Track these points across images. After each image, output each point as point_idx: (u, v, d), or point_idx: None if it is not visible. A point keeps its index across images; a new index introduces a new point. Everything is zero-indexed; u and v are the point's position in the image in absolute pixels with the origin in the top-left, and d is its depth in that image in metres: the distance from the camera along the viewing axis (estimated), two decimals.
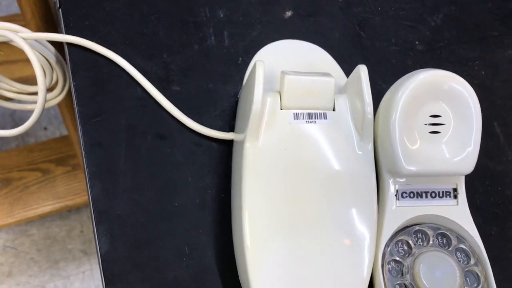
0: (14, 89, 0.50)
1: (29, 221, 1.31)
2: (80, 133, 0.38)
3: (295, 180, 0.33)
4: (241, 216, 0.32)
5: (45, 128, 1.45)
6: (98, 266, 0.35)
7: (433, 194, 0.34)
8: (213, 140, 0.39)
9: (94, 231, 0.36)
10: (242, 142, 0.33)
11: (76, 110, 0.39)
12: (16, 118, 1.47)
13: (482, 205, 0.40)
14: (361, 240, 0.33)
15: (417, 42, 0.45)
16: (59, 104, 0.88)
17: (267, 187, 0.32)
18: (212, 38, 0.42)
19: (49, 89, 0.51)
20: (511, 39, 0.46)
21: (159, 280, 0.35)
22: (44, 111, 0.46)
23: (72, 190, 1.08)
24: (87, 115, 0.39)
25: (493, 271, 0.37)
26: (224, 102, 0.41)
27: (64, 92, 0.50)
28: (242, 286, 0.34)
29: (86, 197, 1.09)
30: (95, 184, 0.37)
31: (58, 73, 0.49)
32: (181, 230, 0.36)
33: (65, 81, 0.49)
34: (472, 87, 0.44)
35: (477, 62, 0.45)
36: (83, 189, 1.09)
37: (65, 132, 1.26)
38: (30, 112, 0.46)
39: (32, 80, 0.44)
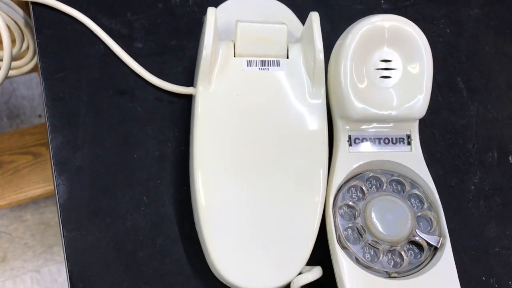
0: None
1: (23, 207, 1.32)
2: (42, 88, 0.39)
3: (247, 125, 0.33)
4: (193, 159, 0.33)
5: (39, 116, 1.46)
6: None
7: (386, 141, 0.35)
8: (174, 95, 0.39)
9: (54, 182, 0.36)
10: (195, 90, 0.34)
11: (39, 66, 0.39)
12: (11, 106, 1.48)
13: (443, 158, 0.40)
14: (312, 184, 0.33)
15: (382, 1, 0.45)
16: None
17: (219, 132, 0.33)
18: None
19: (20, 57, 0.52)
20: None
21: (117, 228, 0.35)
22: (39, 97, 0.47)
23: None
24: (50, 71, 0.39)
25: (453, 221, 0.37)
26: (186, 59, 0.41)
27: (36, 59, 0.51)
28: (197, 231, 0.34)
29: None
30: (56, 136, 0.37)
31: (29, 40, 0.49)
32: (140, 181, 0.37)
33: (36, 47, 0.50)
34: (438, 45, 0.44)
35: (442, 21, 0.45)
36: None
37: None
38: (25, 99, 0.46)
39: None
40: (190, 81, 0.40)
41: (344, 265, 0.31)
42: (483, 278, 0.36)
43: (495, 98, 0.43)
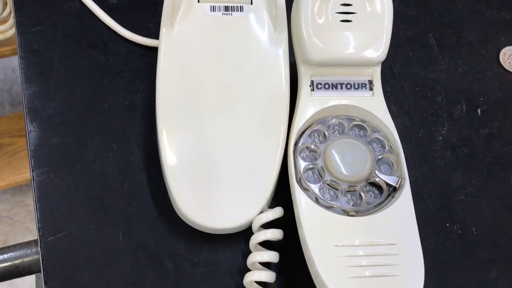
0: None
1: (24, 192, 1.34)
2: (17, 41, 0.40)
3: (209, 69, 0.34)
4: (156, 102, 0.33)
5: None
6: None
7: (349, 86, 0.35)
8: (145, 48, 0.40)
9: (26, 128, 0.37)
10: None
11: (15, 20, 0.40)
12: (13, 94, 1.50)
13: (411, 110, 0.40)
14: (273, 127, 0.34)
15: None
16: None
17: (181, 75, 0.34)
18: None
19: (2, 22, 0.53)
20: None
21: (86, 172, 0.36)
22: None
23: None
24: (25, 25, 0.40)
25: (420, 170, 0.38)
26: (159, 15, 0.41)
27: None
28: (163, 175, 0.35)
29: None
30: (29, 86, 0.38)
31: (11, 5, 0.50)
32: (109, 129, 0.37)
33: None
34: (410, 2, 0.44)
35: None
36: None
37: None
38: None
39: None
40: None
41: (302, 204, 0.32)
42: (447, 225, 0.36)
43: (466, 54, 0.43)
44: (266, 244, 0.33)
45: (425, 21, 0.44)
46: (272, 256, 0.32)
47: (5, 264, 0.36)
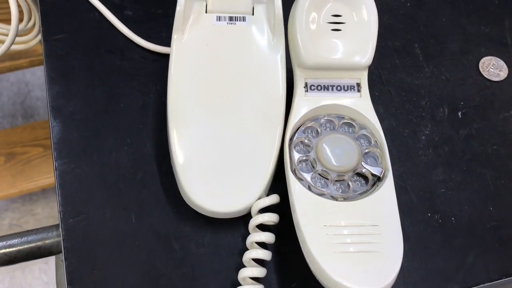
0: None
1: (34, 201, 1.38)
2: (43, 47, 0.44)
3: (215, 70, 0.38)
4: (167, 100, 0.38)
5: None
6: None
7: (339, 88, 0.39)
8: (157, 55, 0.45)
9: (49, 125, 0.41)
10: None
11: (41, 28, 0.45)
12: (26, 106, 1.55)
13: (397, 112, 0.44)
14: (271, 122, 0.38)
15: None
16: None
17: (190, 75, 0.38)
18: None
19: (27, 33, 0.58)
20: None
21: (103, 163, 0.40)
22: None
23: None
24: (50, 33, 0.45)
25: (404, 166, 0.42)
26: (170, 25, 0.46)
27: (40, 36, 0.57)
28: (173, 170, 0.39)
29: None
30: (53, 87, 0.43)
31: (35, 17, 0.55)
32: (124, 126, 0.42)
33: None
34: (398, 16, 0.49)
35: None
36: None
37: None
38: (39, 100, 0.52)
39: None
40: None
41: (296, 191, 0.36)
42: (429, 214, 0.40)
43: (449, 63, 0.47)
44: (263, 228, 0.37)
45: (411, 33, 0.48)
46: (268, 237, 0.36)
47: (29, 245, 0.40)
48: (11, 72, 1.60)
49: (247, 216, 0.37)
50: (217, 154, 0.37)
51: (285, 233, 0.37)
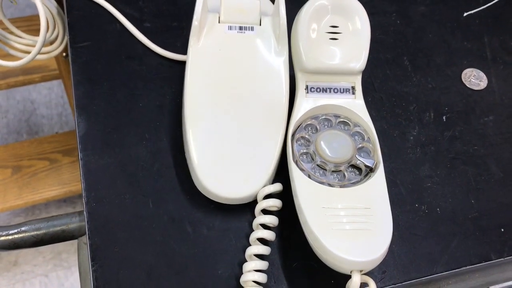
0: (24, 41, 0.61)
1: (37, 216, 1.41)
2: (69, 53, 0.49)
3: (227, 73, 0.43)
4: (184, 98, 0.42)
5: (56, 133, 1.57)
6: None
7: (335, 90, 0.44)
8: (173, 62, 0.50)
9: (75, 121, 0.46)
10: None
11: (68, 38, 0.50)
12: (31, 124, 1.60)
13: (388, 115, 0.49)
14: (275, 119, 0.42)
15: None
16: (67, 92, 1.00)
17: (205, 77, 0.43)
18: None
19: (51, 43, 0.63)
20: None
21: (123, 155, 0.44)
22: (58, 117, 0.57)
23: (76, 177, 1.18)
24: (76, 41, 0.50)
25: (394, 162, 0.46)
26: (184, 36, 0.51)
27: (63, 45, 0.62)
28: (187, 161, 0.43)
29: None
30: (78, 88, 0.47)
31: (59, 28, 0.60)
32: (143, 123, 0.46)
33: (64, 35, 0.61)
34: (389, 32, 0.54)
35: (394, 14, 0.56)
36: None
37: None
38: (44, 117, 0.57)
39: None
40: (185, 52, 0.50)
41: (298, 179, 0.40)
42: (416, 205, 0.44)
43: (435, 73, 0.52)
44: (267, 214, 0.41)
45: (401, 46, 0.54)
46: (272, 219, 0.40)
47: (54, 228, 0.44)
48: (17, 91, 1.66)
49: (253, 203, 0.42)
50: (227, 147, 0.42)
51: (287, 218, 0.41)
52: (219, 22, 0.45)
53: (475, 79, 0.52)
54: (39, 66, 0.96)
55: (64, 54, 0.85)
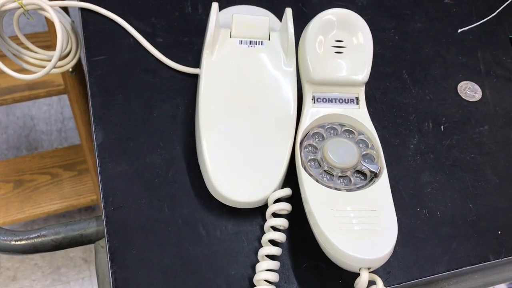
0: (38, 56, 0.64)
1: (35, 226, 1.41)
2: (85, 66, 0.51)
3: (239, 84, 0.46)
4: (197, 108, 0.45)
5: (56, 148, 1.58)
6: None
7: (341, 100, 0.47)
8: (184, 75, 0.52)
9: (92, 131, 0.48)
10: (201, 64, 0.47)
11: (84, 52, 0.53)
12: (31, 139, 1.61)
13: (389, 125, 0.52)
14: (284, 128, 0.45)
15: None
16: (73, 110, 1.02)
17: (218, 88, 0.45)
18: (189, 7, 0.57)
19: (64, 57, 0.65)
20: (420, 16, 0.60)
21: (139, 162, 0.46)
22: (57, 133, 0.60)
23: (77, 191, 1.20)
24: (92, 55, 0.52)
25: (396, 169, 0.49)
26: (195, 51, 0.54)
27: (75, 60, 0.64)
28: (201, 167, 0.46)
29: (89, 198, 1.21)
30: (95, 99, 0.50)
31: (72, 42, 0.63)
32: (157, 132, 0.48)
33: (77, 49, 0.63)
34: (388, 47, 0.57)
35: (392, 31, 0.59)
36: (88, 191, 1.21)
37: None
38: (44, 133, 0.59)
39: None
40: (196, 66, 0.53)
41: (307, 183, 0.42)
42: (418, 209, 0.47)
43: (432, 86, 0.55)
44: (278, 217, 0.43)
45: (400, 61, 0.57)
46: (283, 222, 0.42)
47: (73, 233, 0.45)
48: (17, 106, 1.67)
49: (264, 208, 0.44)
50: (239, 154, 0.44)
51: (296, 222, 0.44)
52: (230, 37, 0.47)
53: (470, 91, 0.55)
54: (44, 81, 0.98)
55: (70, 69, 0.88)
